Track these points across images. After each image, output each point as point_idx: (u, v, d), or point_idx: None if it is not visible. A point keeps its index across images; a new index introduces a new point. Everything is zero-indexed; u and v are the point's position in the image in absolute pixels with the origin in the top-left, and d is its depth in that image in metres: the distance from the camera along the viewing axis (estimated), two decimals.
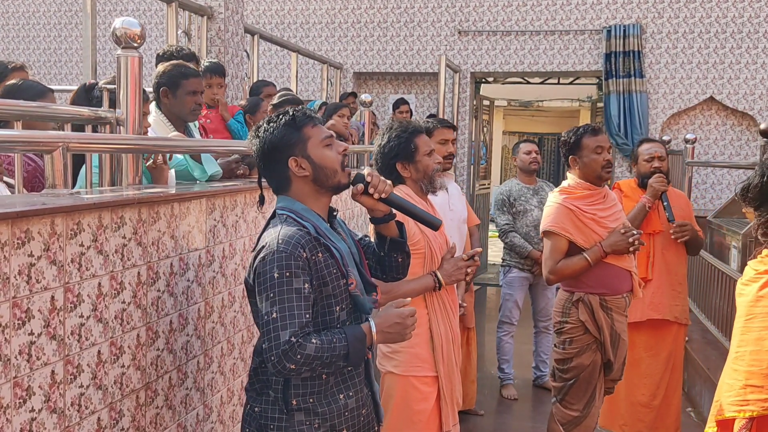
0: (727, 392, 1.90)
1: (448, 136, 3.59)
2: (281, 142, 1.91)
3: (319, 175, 1.92)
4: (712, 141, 8.41)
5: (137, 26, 2.37)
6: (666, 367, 3.94)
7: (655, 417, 3.96)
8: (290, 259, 1.79)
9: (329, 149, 1.95)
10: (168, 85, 3.03)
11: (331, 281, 1.88)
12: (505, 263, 5.08)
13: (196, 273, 2.26)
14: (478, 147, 9.53)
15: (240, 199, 2.56)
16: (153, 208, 2.01)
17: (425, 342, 2.71)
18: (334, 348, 1.82)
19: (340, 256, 1.91)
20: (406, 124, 2.83)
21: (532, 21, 8.58)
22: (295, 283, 1.79)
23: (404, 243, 2.13)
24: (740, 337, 1.88)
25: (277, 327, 1.77)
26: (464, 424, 4.49)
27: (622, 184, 4.15)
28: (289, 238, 1.82)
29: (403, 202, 2.13)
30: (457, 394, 2.80)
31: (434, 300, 2.74)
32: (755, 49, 8.11)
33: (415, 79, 9.23)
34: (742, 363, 1.86)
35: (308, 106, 2.51)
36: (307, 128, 1.93)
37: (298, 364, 1.77)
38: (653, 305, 3.89)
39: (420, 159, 2.76)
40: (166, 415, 2.13)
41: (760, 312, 1.83)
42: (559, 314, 3.38)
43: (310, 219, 1.91)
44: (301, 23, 9.10)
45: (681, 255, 3.96)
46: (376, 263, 2.15)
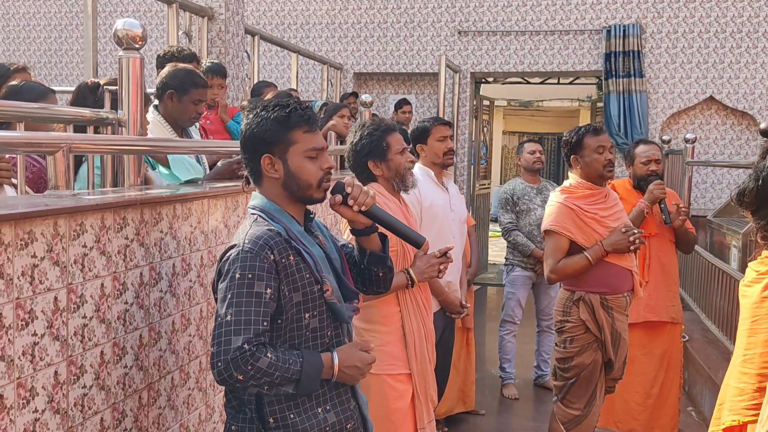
0: (737, 396, 1.87)
1: (446, 133, 3.59)
2: (262, 136, 1.79)
3: (290, 184, 1.81)
4: (711, 140, 8.42)
5: (138, 27, 2.38)
6: (660, 365, 3.95)
7: (650, 415, 3.97)
8: (255, 261, 1.70)
9: (311, 162, 1.81)
10: (176, 88, 3.00)
11: (302, 286, 1.77)
12: (508, 262, 5.10)
13: (198, 274, 2.26)
14: (478, 147, 9.53)
15: (242, 200, 2.57)
16: (155, 209, 2.02)
17: (398, 340, 2.71)
18: (287, 369, 1.70)
19: (312, 261, 1.80)
20: (379, 122, 2.83)
21: (531, 21, 8.59)
22: (256, 286, 1.69)
23: (385, 258, 2.00)
24: (747, 339, 1.86)
25: (230, 331, 1.66)
26: (465, 424, 4.50)
27: (616, 184, 4.15)
28: (256, 239, 1.73)
29: (386, 216, 2.00)
30: (431, 391, 2.80)
31: (407, 297, 2.73)
32: (755, 49, 8.12)
33: (415, 80, 9.24)
34: (751, 366, 1.83)
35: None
36: (297, 131, 1.80)
37: (246, 376, 1.66)
38: (649, 307, 3.90)
39: (392, 157, 2.76)
40: (169, 416, 2.13)
41: (765, 313, 1.81)
42: (560, 313, 3.39)
43: (281, 221, 1.81)
44: (301, 24, 9.11)
45: (673, 255, 3.99)
46: (357, 274, 2.02)
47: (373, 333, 2.71)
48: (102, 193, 2.07)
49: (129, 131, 2.40)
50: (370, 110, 5.47)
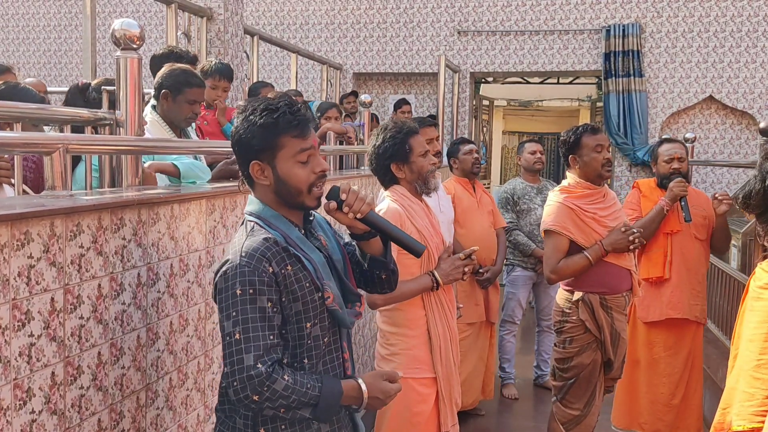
0: (746, 402, 1.82)
1: (432, 135, 3.58)
2: (249, 142, 1.72)
3: (281, 190, 1.75)
4: (711, 140, 8.41)
5: (136, 27, 2.37)
6: (686, 366, 3.94)
7: (676, 416, 3.96)
8: (254, 275, 1.65)
9: (300, 167, 1.74)
10: (170, 88, 2.98)
11: (302, 296, 1.72)
12: (509, 262, 5.11)
13: (196, 274, 2.26)
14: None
15: (240, 200, 2.56)
16: (153, 210, 2.01)
17: (423, 343, 2.70)
18: (305, 393, 1.66)
19: (312, 268, 1.75)
20: (401, 125, 2.81)
21: (531, 21, 8.59)
22: (258, 301, 1.65)
23: (386, 262, 1.95)
24: (763, 344, 1.80)
25: (241, 350, 1.63)
26: (465, 424, 4.50)
27: (641, 184, 4.15)
28: (253, 251, 1.67)
29: (384, 223, 1.92)
30: (456, 394, 2.79)
31: (432, 300, 2.73)
32: (754, 48, 8.12)
33: (415, 80, 9.24)
34: (765, 371, 1.78)
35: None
36: (285, 137, 1.72)
37: (261, 397, 1.63)
38: (671, 304, 3.88)
39: (415, 160, 2.75)
40: (167, 416, 2.13)
41: None
42: (559, 313, 3.39)
43: (278, 227, 1.75)
44: (300, 24, 9.11)
45: (701, 254, 3.94)
46: (360, 275, 1.97)
47: (399, 336, 2.71)
48: (99, 194, 2.07)
49: (127, 131, 2.40)
50: (370, 110, 5.47)
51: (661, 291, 3.91)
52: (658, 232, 3.90)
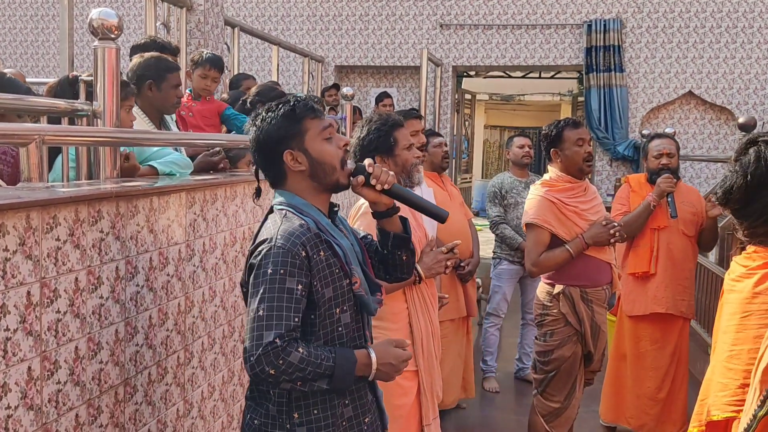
0: (720, 392, 1.85)
1: (417, 127, 3.57)
2: (277, 134, 1.81)
3: (317, 171, 1.83)
4: (690, 135, 8.49)
5: (114, 17, 2.33)
6: (672, 360, 3.97)
7: (661, 410, 3.98)
8: (287, 257, 1.70)
9: (328, 143, 1.84)
10: (154, 77, 2.99)
11: (332, 281, 1.78)
12: (495, 255, 5.12)
13: (176, 267, 2.23)
14: (459, 141, 9.54)
15: (220, 192, 2.54)
16: (131, 202, 1.98)
17: (405, 336, 2.70)
18: (319, 364, 1.70)
19: (342, 253, 1.81)
20: (386, 117, 2.80)
21: (513, 15, 8.60)
22: (288, 282, 1.69)
23: (408, 239, 2.02)
24: (735, 335, 1.84)
25: (262, 326, 1.67)
26: (447, 417, 4.51)
27: (631, 179, 4.17)
28: (289, 234, 1.73)
29: (408, 193, 1.99)
30: (437, 387, 2.80)
31: (414, 294, 2.73)
32: (733, 44, 8.20)
33: (397, 73, 9.22)
34: (738, 362, 1.82)
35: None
36: (306, 120, 1.82)
37: (278, 370, 1.66)
38: (656, 299, 3.91)
39: (399, 153, 2.74)
40: (146, 411, 2.10)
41: (757, 309, 1.80)
42: (540, 306, 3.40)
43: (310, 214, 1.81)
44: (282, 16, 9.05)
45: (688, 250, 3.96)
46: (379, 262, 2.03)
47: (381, 330, 2.70)
48: (76, 186, 2.04)
49: (105, 122, 2.36)
50: (352, 103, 5.45)
51: (647, 286, 3.94)
52: (646, 228, 3.92)
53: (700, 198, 4.03)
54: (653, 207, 3.86)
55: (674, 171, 3.94)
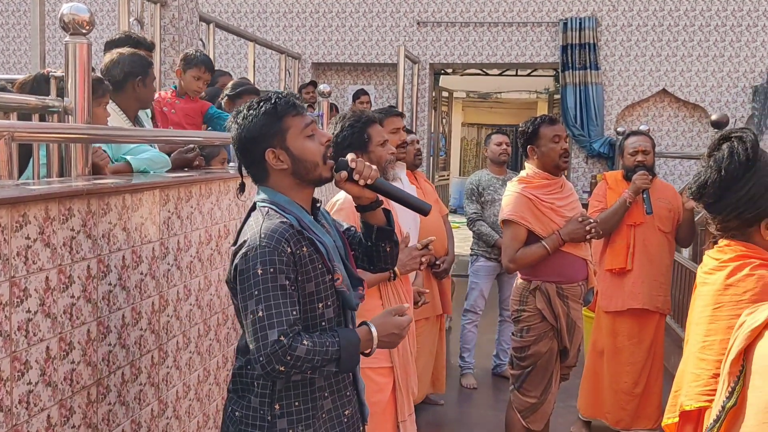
0: (693, 382, 1.89)
1: (398, 124, 3.57)
2: (259, 132, 1.81)
3: (299, 169, 1.83)
4: (664, 132, 8.59)
5: (86, 12, 2.29)
6: (648, 355, 4.01)
7: (638, 405, 4.02)
8: (274, 255, 1.72)
9: (310, 140, 1.84)
10: (141, 73, 3.04)
11: (314, 277, 1.80)
12: (473, 252, 5.14)
13: (149, 266, 2.21)
14: (437, 138, 9.56)
15: (195, 190, 2.51)
16: (103, 200, 1.95)
17: None
18: (326, 351, 1.74)
19: (325, 250, 1.83)
20: (360, 114, 2.80)
21: (490, 12, 8.63)
22: (279, 279, 1.72)
23: (392, 231, 2.04)
24: (708, 326, 1.87)
25: (264, 326, 1.69)
26: (424, 414, 4.51)
27: (608, 176, 4.21)
28: (272, 233, 1.74)
29: (391, 187, 2.01)
30: (412, 383, 2.80)
31: (389, 290, 2.73)
32: (706, 42, 8.31)
33: (374, 70, 9.20)
34: (710, 352, 1.85)
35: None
36: (288, 118, 1.83)
37: (287, 366, 1.70)
38: (632, 295, 3.94)
39: (373, 149, 2.73)
40: (119, 412, 2.07)
41: (728, 300, 1.83)
42: (517, 303, 3.42)
43: (293, 211, 1.82)
44: (258, 12, 8.98)
45: (664, 246, 3.99)
46: (363, 254, 2.06)
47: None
48: (47, 183, 2.00)
49: (76, 119, 2.32)
50: (329, 100, 5.43)
51: (624, 282, 3.97)
52: (622, 224, 3.96)
53: (675, 194, 4.07)
54: (629, 203, 3.90)
55: (650, 168, 3.98)
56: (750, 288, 1.79)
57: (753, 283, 1.79)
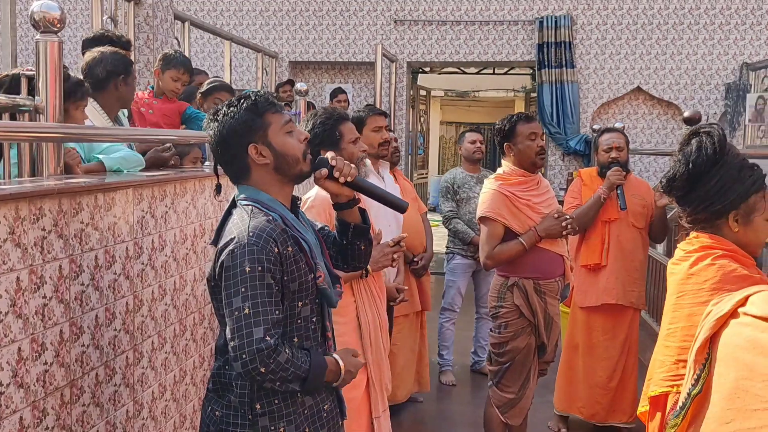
0: (659, 368, 1.97)
1: (381, 123, 3.58)
2: (241, 128, 1.81)
3: (281, 164, 1.84)
4: (639, 129, 8.69)
5: (57, 10, 2.27)
6: (623, 350, 4.05)
7: (612, 399, 4.06)
8: (262, 254, 1.72)
9: (290, 136, 1.86)
10: (124, 72, 3.05)
11: (299, 276, 1.80)
12: (448, 250, 5.16)
13: (123, 266, 2.18)
14: (415, 137, 9.58)
15: (170, 189, 2.49)
16: (75, 199, 1.93)
17: (353, 330, 2.70)
18: (298, 366, 1.75)
19: (308, 248, 1.84)
20: (331, 111, 2.80)
21: (467, 11, 8.66)
22: (266, 278, 1.72)
23: (367, 229, 2.06)
24: (672, 314, 1.95)
25: (251, 323, 1.69)
26: (404, 411, 4.53)
27: (583, 173, 4.25)
28: (260, 232, 1.74)
29: (369, 185, 2.04)
30: (386, 380, 2.81)
31: (361, 287, 2.73)
32: (680, 40, 8.41)
33: (352, 69, 9.19)
34: (674, 339, 1.93)
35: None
36: (268, 114, 1.84)
37: (268, 369, 1.69)
38: (607, 290, 3.98)
39: (345, 146, 2.73)
40: (94, 413, 2.05)
41: (690, 289, 1.90)
42: (495, 299, 3.43)
43: (276, 209, 1.82)
44: (234, 11, 8.93)
45: (638, 242, 4.02)
46: (338, 253, 2.07)
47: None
48: (18, 183, 1.97)
49: (47, 118, 2.29)
50: (306, 99, 5.42)
51: (598, 277, 4.01)
52: (597, 220, 3.99)
53: (649, 190, 4.12)
54: (603, 199, 3.94)
55: (623, 164, 4.02)
56: (710, 277, 1.85)
57: (713, 272, 1.85)
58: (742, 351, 0.93)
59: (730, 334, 0.99)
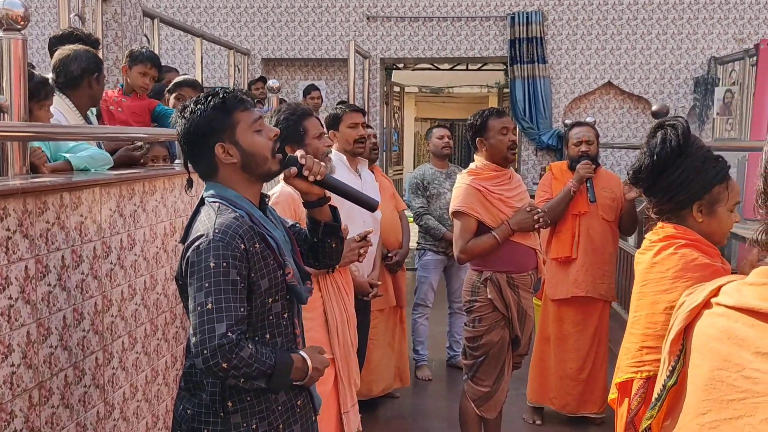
0: (624, 355, 2.02)
1: (357, 120, 3.59)
2: (208, 127, 1.79)
3: (248, 163, 1.82)
4: (610, 124, 8.78)
5: (20, 7, 2.23)
6: (593, 341, 4.10)
7: (583, 390, 4.12)
8: (227, 250, 1.70)
9: (259, 135, 1.84)
10: (98, 70, 3.08)
11: (267, 273, 1.79)
12: (420, 246, 5.17)
13: (91, 265, 2.16)
14: (389, 133, 9.58)
15: (138, 187, 2.46)
16: (40, 199, 1.90)
17: (320, 325, 2.70)
18: (263, 363, 1.73)
19: (276, 245, 1.83)
20: (295, 107, 2.79)
21: (439, 7, 8.67)
22: (231, 275, 1.70)
23: (338, 227, 2.06)
24: (636, 302, 2.00)
25: (213, 319, 1.67)
26: (379, 407, 4.54)
27: (553, 167, 4.28)
28: (226, 228, 1.73)
29: (339, 183, 2.02)
30: (354, 375, 2.81)
31: (328, 283, 2.73)
32: (649, 35, 8.51)
33: (325, 65, 9.17)
34: (638, 326, 1.97)
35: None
36: (236, 112, 1.81)
37: (230, 365, 1.67)
38: (576, 283, 4.02)
39: (309, 142, 2.72)
40: (63, 415, 2.03)
41: (653, 278, 1.94)
42: (469, 293, 3.45)
43: (243, 206, 1.81)
44: (205, 7, 8.85)
45: (608, 235, 4.07)
46: (309, 250, 2.07)
47: None
48: None
49: (12, 117, 2.25)
50: (278, 96, 5.39)
51: (568, 270, 4.06)
52: (567, 214, 4.03)
53: (619, 184, 4.17)
54: (573, 192, 3.98)
55: (593, 158, 4.06)
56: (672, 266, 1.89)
57: (675, 261, 1.89)
58: (717, 341, 0.94)
59: (703, 324, 1.01)
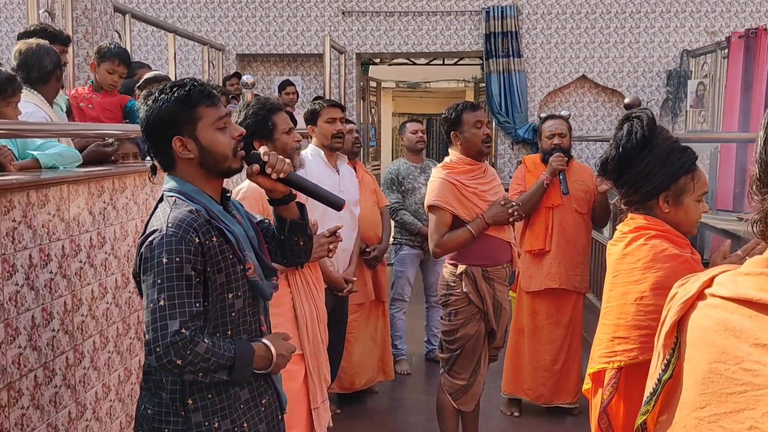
0: (597, 346, 2.04)
1: (335, 115, 3.57)
2: (168, 119, 1.75)
3: (206, 159, 1.78)
4: (585, 117, 8.85)
5: None
6: (567, 333, 4.14)
7: (557, 381, 4.16)
8: (181, 244, 1.67)
9: (221, 133, 1.79)
10: (60, 65, 3.08)
11: (225, 267, 1.75)
12: (396, 241, 5.17)
13: (59, 264, 2.13)
14: (366, 129, 9.57)
15: (108, 185, 2.43)
16: (5, 197, 1.87)
17: (289, 321, 2.69)
18: (222, 355, 1.70)
19: (234, 239, 1.79)
20: (264, 101, 2.76)
21: (414, 2, 8.66)
22: (185, 270, 1.67)
23: (306, 225, 2.02)
24: (608, 293, 2.02)
25: (165, 316, 1.64)
26: (358, 401, 4.54)
27: (527, 160, 4.30)
28: (179, 222, 1.69)
29: (304, 181, 1.99)
30: (324, 371, 2.80)
31: (297, 278, 2.72)
32: (622, 29, 8.58)
33: (301, 61, 9.12)
34: (609, 317, 1.99)
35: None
36: (201, 107, 1.77)
37: (185, 361, 1.65)
38: (550, 275, 4.05)
39: (278, 137, 2.70)
40: (34, 416, 2.00)
41: (624, 269, 1.96)
42: (444, 287, 3.46)
43: (200, 201, 1.78)
44: (178, 2, 8.75)
45: (581, 227, 4.10)
46: (277, 247, 2.04)
47: None
48: None
49: None
50: (253, 91, 5.35)
51: (542, 263, 4.09)
52: (541, 206, 4.06)
53: (592, 176, 4.20)
54: (546, 185, 4.00)
55: (566, 150, 4.09)
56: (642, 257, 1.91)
57: (645, 252, 1.91)
58: (713, 334, 0.93)
59: (698, 316, 0.99)
